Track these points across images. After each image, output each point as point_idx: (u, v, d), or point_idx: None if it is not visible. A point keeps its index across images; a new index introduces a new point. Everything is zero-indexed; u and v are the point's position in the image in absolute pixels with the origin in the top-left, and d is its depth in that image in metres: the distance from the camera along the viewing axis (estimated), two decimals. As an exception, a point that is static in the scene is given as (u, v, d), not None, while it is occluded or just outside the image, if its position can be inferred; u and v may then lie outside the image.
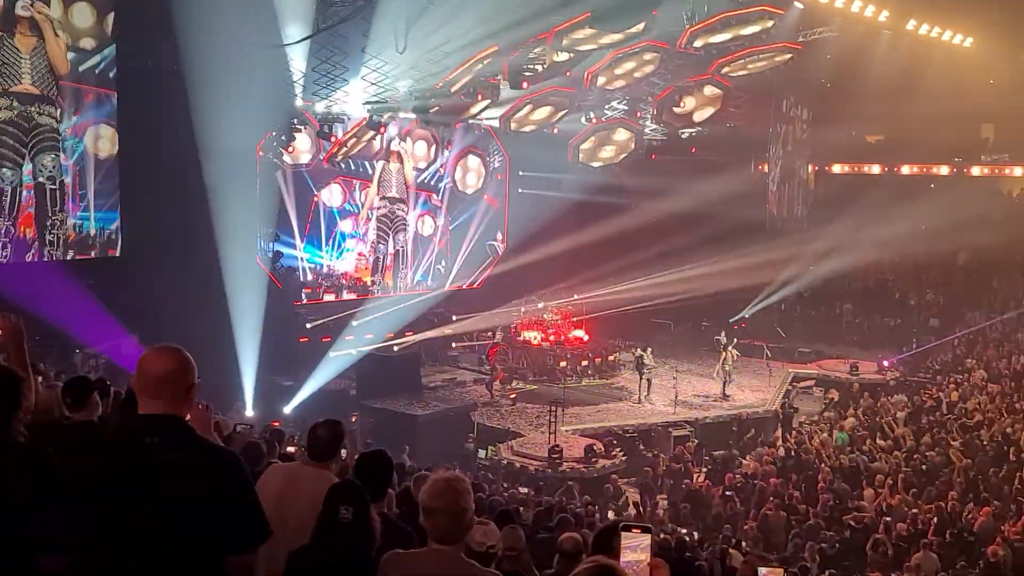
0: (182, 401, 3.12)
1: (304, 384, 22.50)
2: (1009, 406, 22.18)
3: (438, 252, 29.81)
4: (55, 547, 3.05)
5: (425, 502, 3.55)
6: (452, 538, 3.52)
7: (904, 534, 15.23)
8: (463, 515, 3.54)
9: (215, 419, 9.35)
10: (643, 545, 2.16)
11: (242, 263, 21.98)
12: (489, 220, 30.91)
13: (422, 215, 29.39)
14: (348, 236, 27.40)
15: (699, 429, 22.55)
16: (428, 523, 3.53)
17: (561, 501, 15.17)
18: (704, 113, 26.21)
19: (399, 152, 28.08)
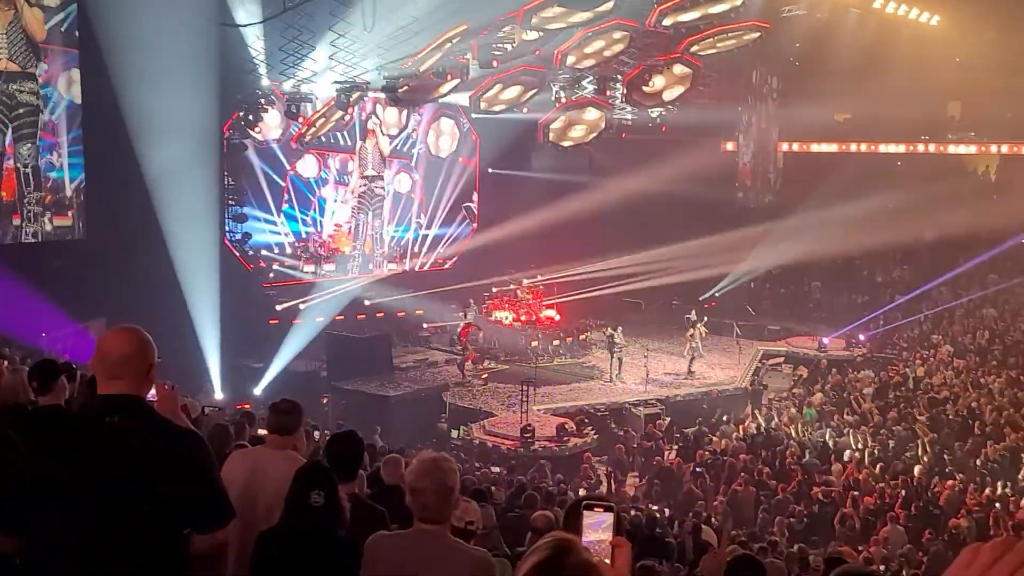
0: (143, 381, 3.09)
1: (270, 365, 22.43)
2: (974, 381, 22.51)
3: (417, 207, 29.84)
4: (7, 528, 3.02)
5: (412, 482, 3.55)
6: (439, 517, 3.53)
7: (871, 508, 15.47)
8: (449, 494, 3.54)
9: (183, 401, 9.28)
10: (606, 524, 2.14)
11: (209, 246, 21.81)
12: (465, 182, 30.88)
13: (398, 172, 29.36)
14: (332, 200, 27.47)
15: (670, 407, 22.69)
16: (414, 503, 3.53)
17: (533, 480, 15.25)
18: (674, 92, 26.20)
19: (373, 129, 28.00)
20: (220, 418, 9.70)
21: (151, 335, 3.16)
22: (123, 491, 2.90)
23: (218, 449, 5.70)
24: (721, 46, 25.33)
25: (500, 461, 18.64)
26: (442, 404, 22.49)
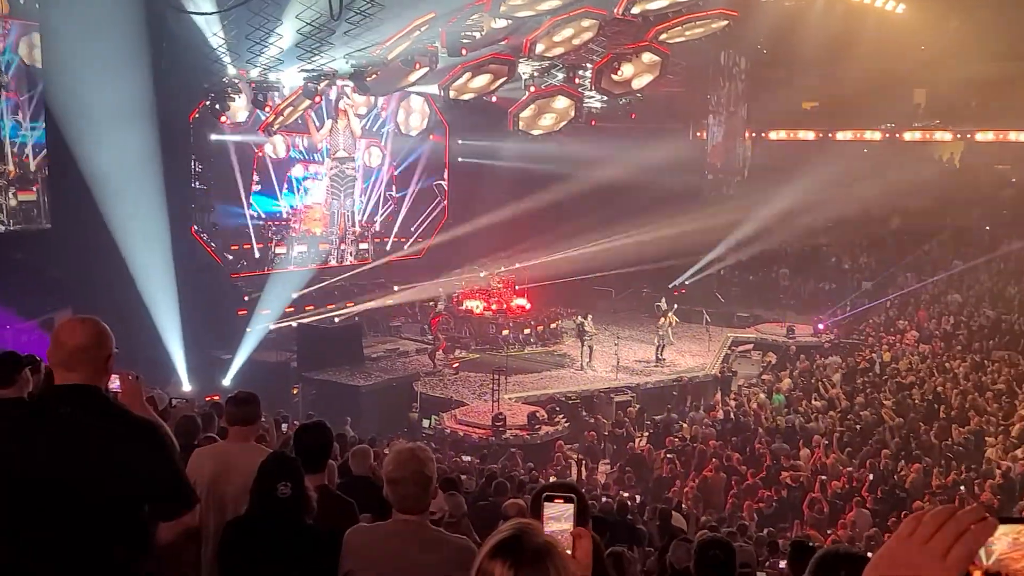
0: (100, 372, 3.06)
1: (238, 356, 22.30)
2: (939, 365, 22.81)
3: (387, 180, 29.77)
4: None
5: (390, 473, 3.54)
6: (418, 507, 3.53)
7: (839, 492, 15.66)
8: (428, 484, 3.54)
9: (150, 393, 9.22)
10: (566, 514, 2.15)
11: (175, 235, 21.61)
12: (435, 159, 30.82)
13: (368, 146, 29.27)
14: (303, 179, 27.35)
15: (640, 394, 22.82)
16: (393, 494, 3.53)
17: (504, 468, 15.29)
18: (643, 80, 26.23)
19: (345, 109, 27.89)
20: (188, 409, 9.62)
21: (117, 327, 3.13)
22: (79, 482, 2.88)
23: (187, 441, 5.67)
24: (690, 34, 25.37)
25: (471, 450, 18.66)
26: (413, 394, 22.46)
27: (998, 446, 17.38)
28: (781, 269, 32.00)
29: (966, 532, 1.33)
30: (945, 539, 1.34)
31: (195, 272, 22.59)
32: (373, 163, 29.59)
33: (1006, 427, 18.24)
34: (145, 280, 20.19)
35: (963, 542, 1.33)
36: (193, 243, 23.66)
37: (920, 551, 1.35)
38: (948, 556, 1.33)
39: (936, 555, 1.33)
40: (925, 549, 1.35)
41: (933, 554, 1.34)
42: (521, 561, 1.87)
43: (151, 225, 20.80)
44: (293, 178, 27.27)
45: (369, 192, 29.51)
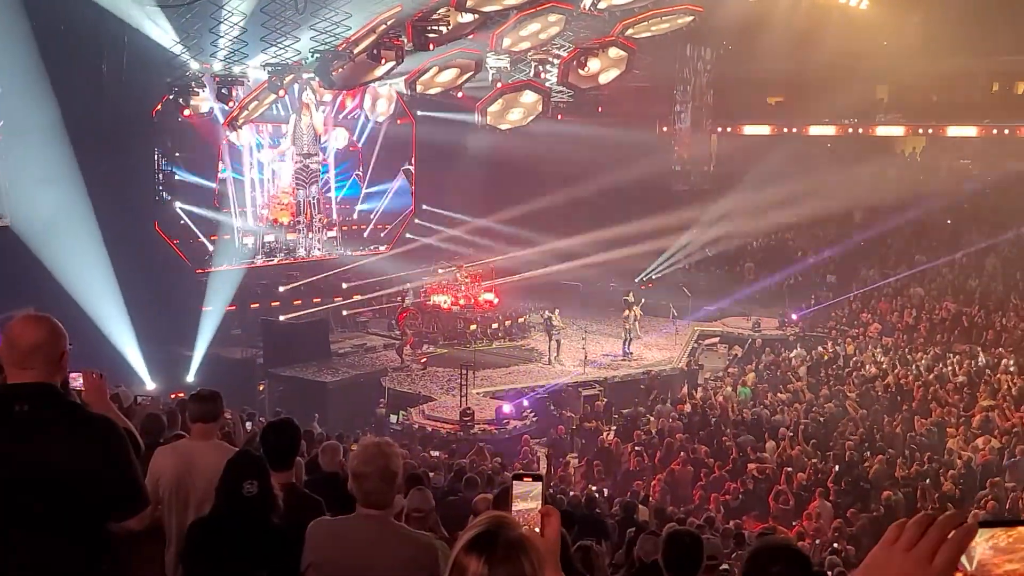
0: (54, 369, 3.03)
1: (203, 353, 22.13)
2: (902, 358, 23.10)
3: (354, 161, 29.67)
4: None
5: (355, 467, 3.54)
6: (382, 502, 3.52)
7: (804, 484, 15.81)
8: (393, 479, 3.54)
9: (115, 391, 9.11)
10: (534, 493, 2.18)
11: (139, 233, 21.38)
12: (402, 145, 30.73)
13: (334, 128, 29.12)
14: (269, 163, 27.29)
15: (608, 388, 22.90)
16: (358, 488, 3.52)
17: (473, 463, 15.28)
18: (609, 75, 26.33)
19: (308, 104, 27.69)
20: (153, 407, 9.53)
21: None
22: (37, 481, 2.85)
23: (152, 439, 5.62)
24: (656, 29, 25.52)
25: (440, 445, 18.65)
26: (381, 389, 22.40)
27: (959, 437, 17.64)
28: (747, 263, 32.24)
29: (949, 537, 1.36)
30: (929, 545, 1.37)
31: (159, 269, 22.34)
32: (340, 145, 29.44)
33: (967, 418, 18.52)
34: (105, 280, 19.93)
35: (947, 547, 1.36)
36: (157, 239, 23.40)
37: (905, 558, 1.38)
38: (934, 561, 1.36)
39: (921, 561, 1.36)
40: (910, 556, 1.38)
41: (918, 560, 1.37)
42: (495, 556, 1.89)
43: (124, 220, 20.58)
44: (259, 163, 27.08)
45: (337, 174, 29.35)
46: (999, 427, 17.88)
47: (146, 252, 21.93)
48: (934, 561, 1.36)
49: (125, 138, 21.32)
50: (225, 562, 3.68)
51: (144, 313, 20.53)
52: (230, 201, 26.18)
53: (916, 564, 1.37)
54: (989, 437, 17.29)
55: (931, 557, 1.36)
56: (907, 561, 1.38)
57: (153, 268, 21.83)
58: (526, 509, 2.17)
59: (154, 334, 21.01)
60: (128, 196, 21.38)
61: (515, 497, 2.20)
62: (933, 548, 1.37)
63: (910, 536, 1.39)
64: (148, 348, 20.91)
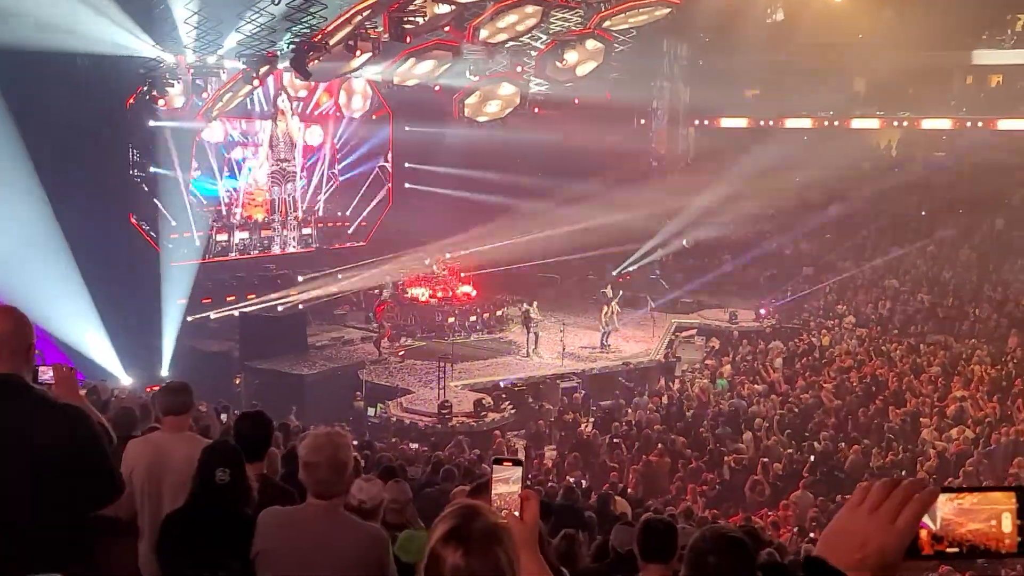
0: (21, 361, 3.01)
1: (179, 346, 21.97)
2: (876, 349, 23.29)
3: (329, 158, 29.54)
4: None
5: (304, 456, 3.52)
6: (331, 492, 3.51)
7: (780, 474, 15.93)
8: (343, 469, 3.52)
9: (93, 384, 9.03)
10: (514, 477, 2.21)
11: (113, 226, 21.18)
12: (377, 141, 30.62)
13: (308, 125, 28.95)
14: (242, 160, 27.05)
15: (586, 380, 22.95)
16: (307, 477, 3.51)
17: (451, 455, 15.28)
18: (587, 67, 26.32)
19: (283, 110, 27.53)
20: (129, 400, 9.47)
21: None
22: (9, 470, 2.82)
23: (125, 432, 5.57)
24: (633, 21, 25.52)
25: (418, 438, 18.64)
26: (358, 382, 22.34)
27: (933, 427, 17.81)
28: (724, 255, 32.37)
29: (911, 500, 1.43)
30: (892, 507, 1.43)
31: (134, 262, 22.14)
32: (314, 142, 29.27)
33: (941, 408, 18.70)
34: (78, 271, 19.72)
35: (909, 509, 1.42)
36: (133, 232, 23.18)
37: (869, 519, 1.44)
38: (897, 522, 1.42)
39: (885, 522, 1.43)
40: (874, 517, 1.44)
41: (882, 521, 1.43)
42: (471, 545, 1.90)
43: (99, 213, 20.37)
44: (234, 160, 26.90)
45: (311, 173, 29.20)
46: (973, 417, 18.07)
47: (120, 245, 21.71)
48: (897, 521, 1.42)
49: (98, 130, 21.07)
50: (199, 553, 3.66)
51: (118, 307, 20.33)
52: (203, 197, 25.98)
53: (880, 524, 1.43)
54: (963, 427, 17.47)
55: (894, 518, 1.43)
56: (871, 521, 1.44)
57: (127, 262, 21.61)
58: (506, 493, 2.20)
59: (128, 328, 20.83)
60: (101, 189, 21.13)
61: (495, 481, 2.22)
62: (896, 509, 1.43)
63: (875, 498, 1.46)
64: (122, 342, 20.71)
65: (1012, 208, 29.95)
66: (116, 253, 20.85)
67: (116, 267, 20.49)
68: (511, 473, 2.23)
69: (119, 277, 20.57)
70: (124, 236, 22.25)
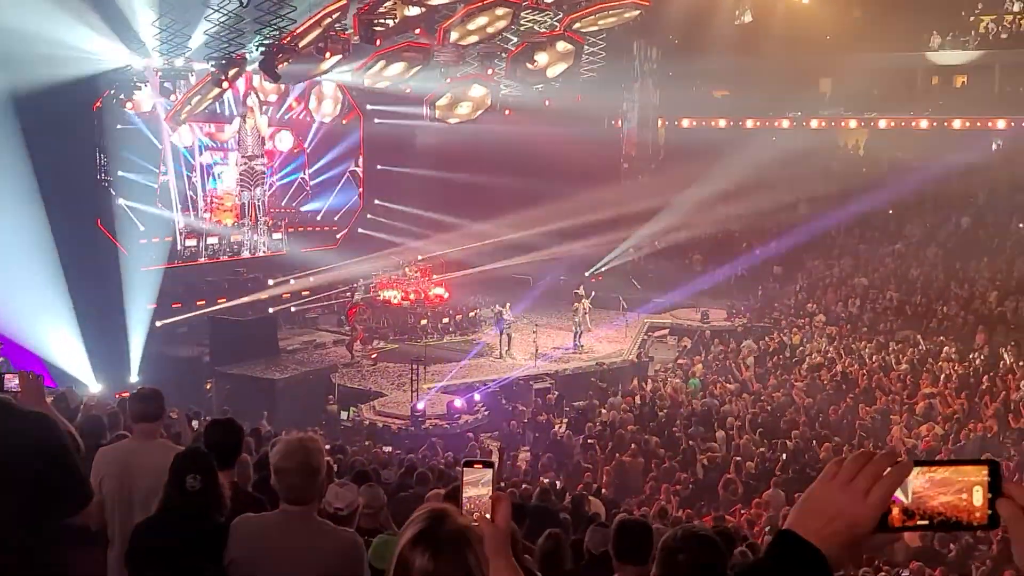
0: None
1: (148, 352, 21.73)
2: (846, 347, 23.49)
3: (300, 161, 29.35)
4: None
5: (276, 462, 3.49)
6: (304, 498, 3.48)
7: (753, 472, 16.01)
8: (315, 475, 3.49)
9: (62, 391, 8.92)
10: (484, 480, 2.21)
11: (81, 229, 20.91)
12: (348, 145, 30.46)
13: (278, 131, 28.72)
14: (212, 165, 26.74)
15: (560, 381, 22.97)
16: (279, 484, 3.48)
17: (425, 458, 15.25)
18: (557, 68, 26.40)
19: (252, 107, 27.30)
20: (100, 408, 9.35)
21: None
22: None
23: (94, 441, 5.51)
24: (603, 23, 25.65)
25: (392, 441, 18.58)
26: (331, 386, 22.23)
27: (902, 424, 18.00)
28: (695, 255, 32.52)
29: (884, 473, 1.44)
30: (865, 480, 1.44)
31: (102, 267, 21.89)
32: (284, 148, 29.06)
33: (911, 406, 18.90)
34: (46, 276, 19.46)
35: (882, 482, 1.43)
36: (100, 237, 22.91)
37: (842, 491, 1.45)
38: (869, 495, 1.43)
39: (858, 495, 1.44)
40: (847, 489, 1.45)
41: (855, 494, 1.44)
42: (439, 549, 1.90)
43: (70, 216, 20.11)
44: (202, 165, 26.64)
45: (282, 178, 28.99)
46: (941, 414, 18.28)
47: (87, 250, 21.43)
48: (869, 495, 1.43)
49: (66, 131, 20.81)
50: (169, 562, 3.62)
51: (86, 313, 20.09)
52: (172, 202, 25.69)
53: (852, 498, 1.44)
54: (932, 424, 17.67)
55: (867, 491, 1.43)
56: (844, 495, 1.45)
57: (94, 267, 21.35)
58: (476, 496, 2.19)
59: (96, 334, 20.59)
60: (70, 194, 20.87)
61: (466, 484, 2.21)
62: (869, 483, 1.43)
63: (847, 472, 1.46)
64: (91, 348, 20.47)
65: (977, 207, 30.32)
66: (83, 258, 20.57)
67: (84, 272, 20.21)
68: (482, 475, 2.22)
69: (87, 282, 20.29)
70: (91, 240, 21.96)
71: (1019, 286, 24.99)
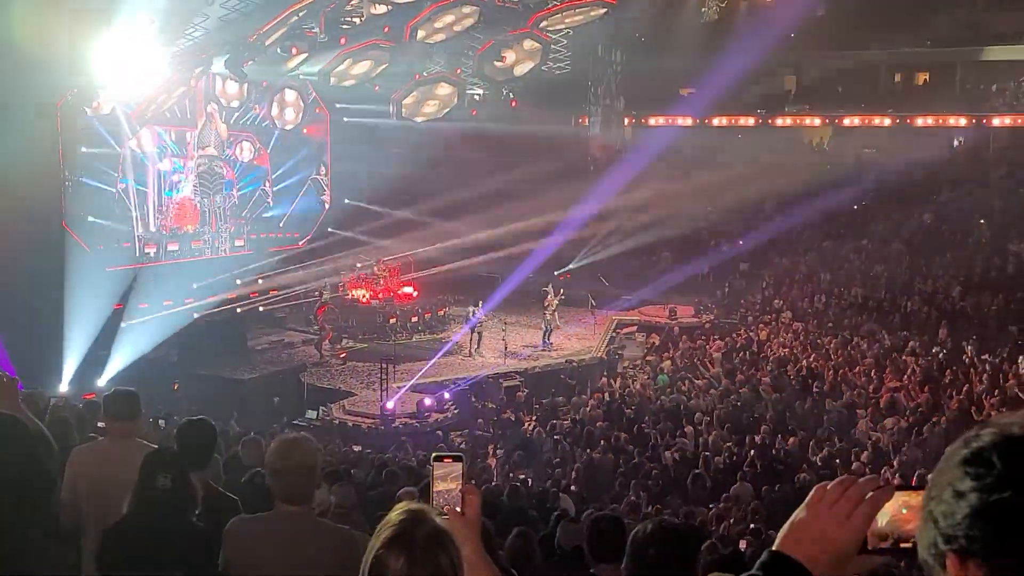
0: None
1: (116, 353, 21.49)
2: (812, 342, 23.72)
3: (263, 172, 28.99)
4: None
5: (272, 463, 3.50)
6: (301, 498, 3.50)
7: (721, 467, 16.14)
8: (311, 473, 3.51)
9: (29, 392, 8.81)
10: (454, 474, 2.23)
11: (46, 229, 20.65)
12: (311, 154, 30.19)
13: (239, 142, 28.32)
14: (171, 172, 26.27)
15: (529, 378, 23.02)
16: (276, 484, 3.49)
17: (395, 457, 15.23)
18: (524, 67, 26.45)
19: (213, 113, 26.95)
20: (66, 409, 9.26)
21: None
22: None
23: (62, 442, 5.47)
24: (569, 21, 25.73)
25: (361, 440, 18.53)
26: (300, 385, 22.12)
27: (867, 418, 18.22)
28: (663, 252, 32.69)
29: (866, 498, 1.53)
30: (849, 504, 1.54)
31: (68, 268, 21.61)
32: (245, 158, 28.54)
33: (876, 400, 19.13)
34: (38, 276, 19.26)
35: (864, 506, 1.52)
36: (65, 236, 22.61)
37: (827, 514, 1.55)
38: (851, 518, 1.52)
39: (840, 518, 1.53)
40: (831, 513, 1.54)
41: (838, 517, 1.53)
42: (414, 552, 1.91)
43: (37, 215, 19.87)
44: (161, 172, 26.10)
45: (242, 188, 28.51)
46: (906, 407, 18.52)
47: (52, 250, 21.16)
48: (851, 517, 1.53)
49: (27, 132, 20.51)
50: (141, 564, 3.61)
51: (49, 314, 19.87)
52: (131, 209, 25.26)
53: (836, 521, 1.53)
54: (897, 417, 17.90)
55: (850, 514, 1.53)
56: (829, 519, 1.54)
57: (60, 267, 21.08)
58: (446, 489, 2.21)
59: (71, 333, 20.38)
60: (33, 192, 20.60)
61: (436, 478, 2.23)
62: (851, 507, 1.53)
63: (832, 497, 1.56)
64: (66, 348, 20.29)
65: (940, 203, 30.72)
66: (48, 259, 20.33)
67: (48, 273, 20.01)
68: (452, 469, 2.24)
69: (51, 283, 20.09)
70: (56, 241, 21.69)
71: (981, 282, 25.36)
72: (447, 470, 2.24)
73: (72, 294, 20.62)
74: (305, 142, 29.99)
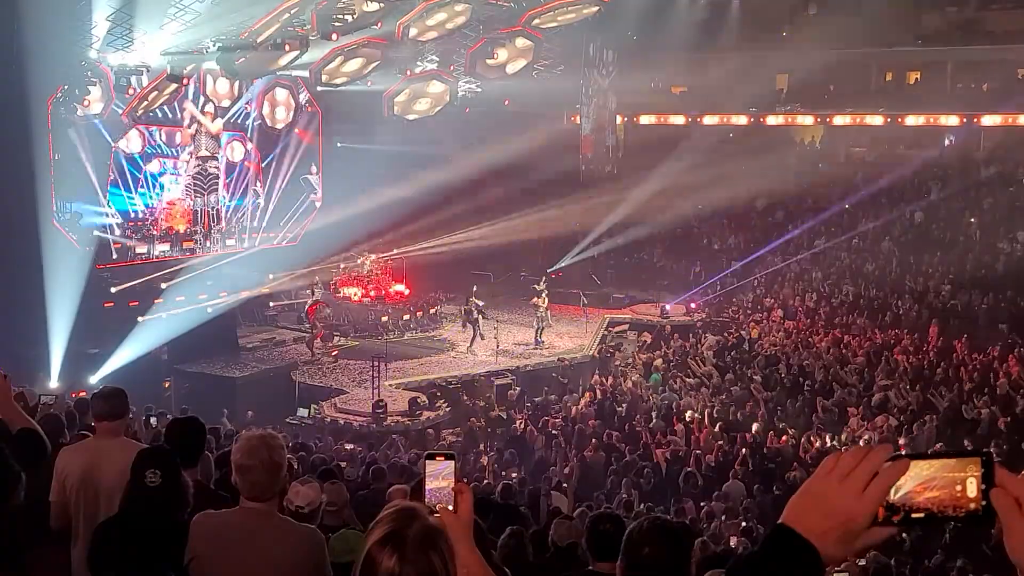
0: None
1: (114, 352, 21.40)
2: (804, 341, 23.77)
3: (253, 175, 28.81)
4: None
5: (238, 459, 3.50)
6: (265, 495, 3.48)
7: (713, 465, 16.18)
8: (276, 471, 3.50)
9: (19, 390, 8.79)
10: (446, 472, 2.23)
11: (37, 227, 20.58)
12: (302, 154, 30.07)
13: (230, 141, 28.15)
14: (159, 174, 26.06)
15: (521, 377, 23.02)
16: (241, 481, 3.48)
17: (387, 455, 15.22)
18: (516, 65, 26.44)
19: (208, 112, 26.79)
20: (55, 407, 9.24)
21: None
22: None
23: (53, 440, 5.45)
24: (562, 19, 25.72)
25: (353, 438, 18.52)
26: (291, 383, 22.09)
27: (859, 416, 18.27)
28: (655, 250, 32.72)
29: (882, 469, 1.45)
30: (862, 476, 1.45)
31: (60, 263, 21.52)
32: (236, 158, 28.34)
33: (867, 398, 19.18)
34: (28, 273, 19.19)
35: (880, 478, 1.44)
36: (56, 234, 22.52)
37: (839, 487, 1.46)
38: (865, 491, 1.44)
39: (854, 490, 1.45)
40: (843, 485, 1.46)
41: (851, 489, 1.45)
42: (406, 551, 1.91)
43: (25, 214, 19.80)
44: (149, 174, 25.85)
45: (233, 188, 28.33)
46: (897, 405, 18.58)
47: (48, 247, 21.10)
48: (866, 491, 1.44)
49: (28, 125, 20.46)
50: (131, 561, 3.59)
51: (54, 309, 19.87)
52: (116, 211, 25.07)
53: (850, 492, 1.45)
54: (887, 415, 17.95)
55: (864, 486, 1.44)
56: (842, 489, 1.46)
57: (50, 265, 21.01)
58: (438, 488, 2.21)
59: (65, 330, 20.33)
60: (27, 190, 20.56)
61: (427, 476, 2.23)
62: (866, 479, 1.45)
63: (845, 466, 1.47)
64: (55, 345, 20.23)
65: (930, 202, 30.80)
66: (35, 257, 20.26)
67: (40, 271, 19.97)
68: (443, 467, 2.25)
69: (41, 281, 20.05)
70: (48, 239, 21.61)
71: (971, 280, 25.44)
72: (439, 468, 2.24)
73: (60, 292, 20.55)
74: (296, 141, 29.85)
